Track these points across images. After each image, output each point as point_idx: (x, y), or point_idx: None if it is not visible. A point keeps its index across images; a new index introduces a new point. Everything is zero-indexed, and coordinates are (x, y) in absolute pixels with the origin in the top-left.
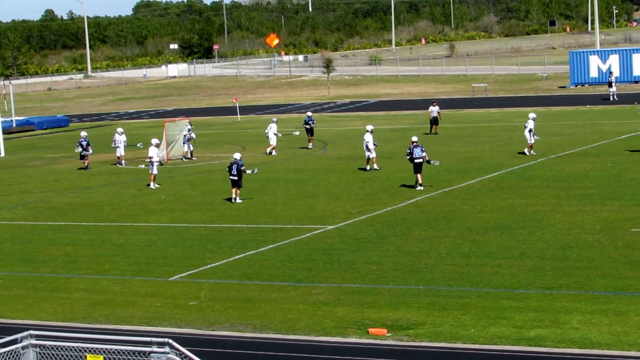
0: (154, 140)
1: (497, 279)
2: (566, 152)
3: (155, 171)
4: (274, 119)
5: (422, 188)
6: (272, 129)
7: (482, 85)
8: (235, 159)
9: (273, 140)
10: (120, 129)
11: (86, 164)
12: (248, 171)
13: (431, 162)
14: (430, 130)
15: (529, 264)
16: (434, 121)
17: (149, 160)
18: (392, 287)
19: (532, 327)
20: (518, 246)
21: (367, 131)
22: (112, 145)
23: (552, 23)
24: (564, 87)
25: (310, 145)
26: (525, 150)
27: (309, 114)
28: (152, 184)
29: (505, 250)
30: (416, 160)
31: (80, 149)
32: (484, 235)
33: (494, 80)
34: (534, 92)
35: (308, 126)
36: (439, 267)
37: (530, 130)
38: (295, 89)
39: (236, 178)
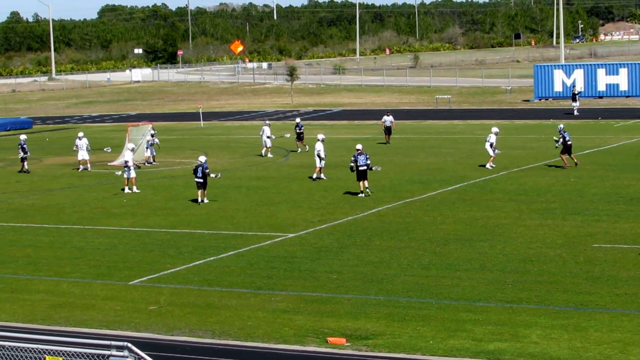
0: (130, 145)
1: (457, 291)
2: (529, 166)
3: (133, 174)
4: (267, 122)
5: (368, 193)
6: (265, 132)
7: (446, 96)
8: (201, 162)
9: (268, 143)
10: (80, 133)
11: (26, 167)
12: (212, 175)
13: (373, 168)
14: (387, 140)
15: (489, 277)
16: (387, 131)
17: (125, 165)
18: (352, 296)
19: (492, 340)
20: (479, 259)
21: (319, 140)
22: (73, 149)
23: (517, 36)
24: (528, 100)
25: (299, 150)
26: (487, 165)
27: (298, 120)
28: (134, 187)
29: (466, 262)
30: (360, 168)
31: (22, 154)
32: (445, 247)
33: (458, 92)
34: (498, 105)
35: (298, 131)
36: (399, 277)
37: (491, 145)
38: (258, 96)
39: (202, 180)
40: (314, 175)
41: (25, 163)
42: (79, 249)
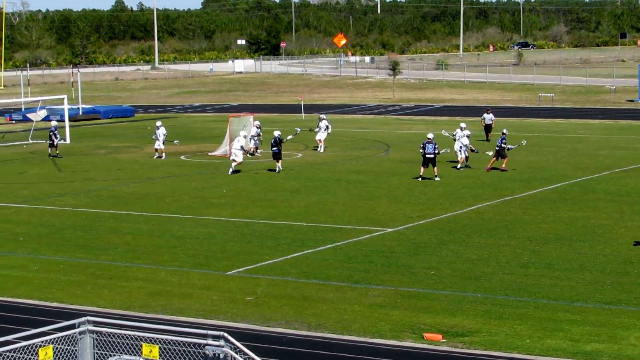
0: (242, 132)
1: (556, 291)
2: (631, 167)
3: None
4: (323, 116)
5: (439, 179)
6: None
7: (549, 95)
8: (275, 135)
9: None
10: (159, 122)
11: (57, 152)
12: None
13: (442, 151)
14: (487, 138)
15: (588, 278)
16: (488, 128)
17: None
18: (449, 293)
19: (589, 341)
20: (578, 259)
21: (464, 135)
22: (152, 137)
23: (623, 35)
24: (632, 100)
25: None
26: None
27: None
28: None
29: (565, 262)
30: (427, 155)
31: (57, 139)
32: (544, 246)
33: (561, 90)
34: (601, 104)
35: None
36: (497, 275)
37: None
38: (360, 90)
39: (277, 150)
40: (460, 166)
41: (51, 149)
42: (177, 238)
